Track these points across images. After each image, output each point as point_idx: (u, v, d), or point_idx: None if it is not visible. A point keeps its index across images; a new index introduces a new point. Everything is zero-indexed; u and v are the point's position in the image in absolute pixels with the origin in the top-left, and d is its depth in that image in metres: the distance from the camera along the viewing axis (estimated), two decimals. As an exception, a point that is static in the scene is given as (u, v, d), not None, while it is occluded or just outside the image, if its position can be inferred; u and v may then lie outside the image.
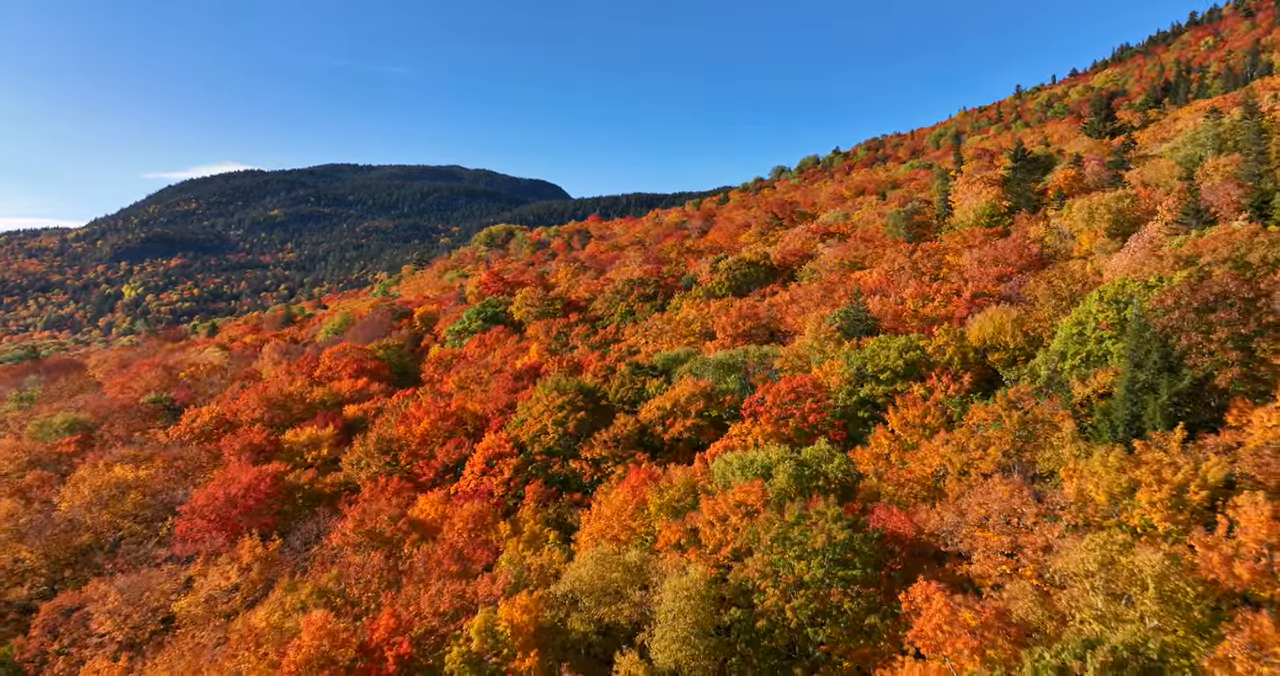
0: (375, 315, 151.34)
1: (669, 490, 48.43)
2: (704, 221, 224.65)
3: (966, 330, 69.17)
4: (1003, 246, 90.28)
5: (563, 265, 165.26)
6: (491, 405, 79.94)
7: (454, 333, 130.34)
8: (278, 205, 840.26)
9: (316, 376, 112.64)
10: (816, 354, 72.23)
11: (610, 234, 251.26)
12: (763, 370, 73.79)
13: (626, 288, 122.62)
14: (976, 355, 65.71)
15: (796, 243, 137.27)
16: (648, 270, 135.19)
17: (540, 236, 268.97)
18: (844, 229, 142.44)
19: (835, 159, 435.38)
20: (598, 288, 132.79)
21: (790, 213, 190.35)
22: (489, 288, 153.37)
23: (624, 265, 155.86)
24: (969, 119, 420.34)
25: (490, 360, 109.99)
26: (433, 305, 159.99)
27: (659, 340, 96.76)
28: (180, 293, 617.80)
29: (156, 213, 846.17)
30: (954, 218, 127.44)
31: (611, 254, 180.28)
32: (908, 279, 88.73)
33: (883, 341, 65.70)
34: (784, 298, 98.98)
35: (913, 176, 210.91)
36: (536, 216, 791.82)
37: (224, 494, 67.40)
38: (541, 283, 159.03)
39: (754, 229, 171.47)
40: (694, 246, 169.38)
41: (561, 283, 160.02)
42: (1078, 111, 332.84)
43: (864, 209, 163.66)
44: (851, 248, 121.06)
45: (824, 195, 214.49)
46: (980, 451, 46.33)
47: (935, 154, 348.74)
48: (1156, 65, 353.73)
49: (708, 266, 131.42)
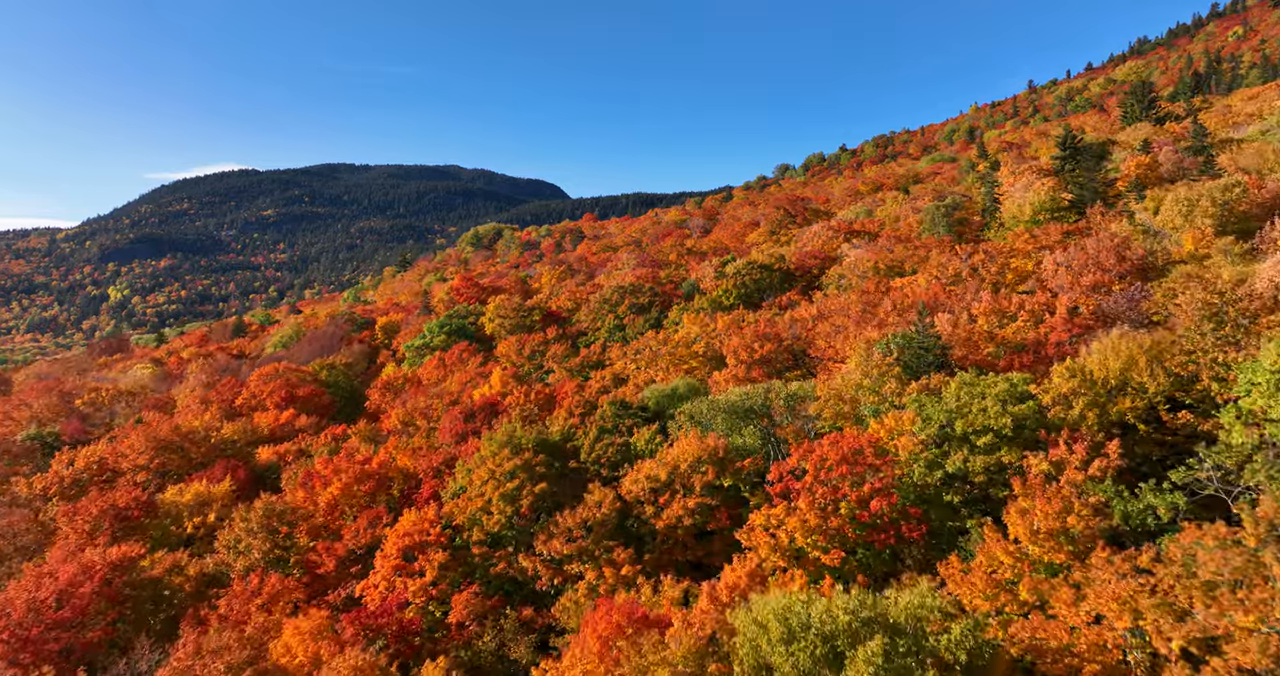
0: (330, 326, 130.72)
1: (659, 668, 27.77)
2: (707, 220, 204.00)
3: (1082, 364, 48.57)
4: (1094, 247, 69.54)
5: (547, 268, 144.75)
6: (427, 461, 59.16)
7: (413, 349, 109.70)
8: (271, 205, 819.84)
9: (238, 405, 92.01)
10: (869, 396, 51.55)
11: (605, 234, 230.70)
12: (794, 418, 53.12)
13: (616, 296, 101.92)
14: (1110, 403, 45.03)
15: (816, 242, 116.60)
16: (642, 274, 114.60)
17: (530, 236, 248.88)
18: (870, 226, 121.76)
19: (843, 156, 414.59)
20: (583, 295, 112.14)
21: (803, 209, 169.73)
22: (460, 294, 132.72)
23: (616, 268, 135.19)
24: (981, 114, 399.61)
25: (448, 385, 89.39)
26: (398, 314, 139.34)
27: (653, 366, 76.07)
28: (167, 295, 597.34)
29: (148, 213, 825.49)
30: (1003, 213, 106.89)
31: (604, 256, 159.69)
32: (975, 290, 67.94)
33: (970, 383, 44.91)
34: (808, 312, 78.20)
35: (935, 170, 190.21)
36: (534, 216, 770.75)
37: (27, 599, 46.77)
38: (521, 288, 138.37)
39: (763, 227, 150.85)
40: (696, 247, 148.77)
41: (544, 288, 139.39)
42: (1100, 104, 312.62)
43: (888, 204, 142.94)
44: (884, 248, 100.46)
45: (838, 191, 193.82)
46: (1213, 611, 25.70)
47: (950, 149, 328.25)
48: (1181, 57, 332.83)
49: (712, 270, 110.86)
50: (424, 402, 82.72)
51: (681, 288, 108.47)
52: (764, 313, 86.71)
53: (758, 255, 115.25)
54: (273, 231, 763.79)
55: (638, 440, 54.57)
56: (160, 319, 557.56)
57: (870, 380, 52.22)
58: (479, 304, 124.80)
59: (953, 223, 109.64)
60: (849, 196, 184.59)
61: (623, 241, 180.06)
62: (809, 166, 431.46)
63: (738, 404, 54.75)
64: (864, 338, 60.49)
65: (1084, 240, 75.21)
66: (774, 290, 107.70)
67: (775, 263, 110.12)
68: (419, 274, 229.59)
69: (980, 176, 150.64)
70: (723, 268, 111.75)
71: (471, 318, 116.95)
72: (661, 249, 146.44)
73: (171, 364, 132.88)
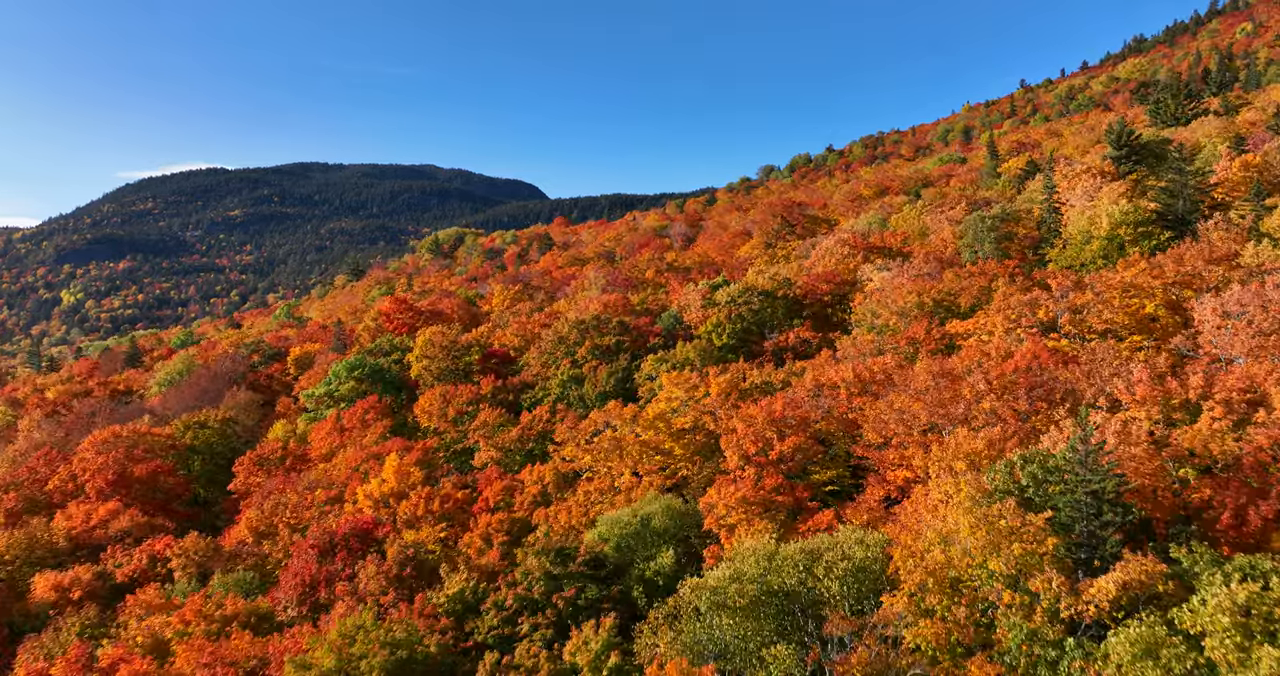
0: (225, 360, 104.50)
1: None
2: (689, 226, 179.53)
3: None
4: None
5: (501, 287, 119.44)
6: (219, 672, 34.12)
7: (314, 398, 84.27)
8: (239, 205, 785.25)
9: (50, 491, 66.35)
10: (1005, 593, 27.33)
11: (576, 240, 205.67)
12: (869, 629, 28.73)
13: (575, 334, 77.07)
14: None
15: (829, 261, 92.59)
16: (611, 301, 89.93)
17: (495, 243, 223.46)
18: (892, 241, 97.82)
19: (830, 157, 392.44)
20: (534, 329, 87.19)
21: (800, 216, 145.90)
22: (390, 321, 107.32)
23: (582, 289, 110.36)
24: (975, 114, 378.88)
25: (336, 465, 64.39)
26: (316, 343, 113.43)
27: (615, 459, 51.34)
28: (123, 298, 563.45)
29: (110, 212, 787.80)
30: (1067, 227, 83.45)
31: (570, 271, 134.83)
32: (1107, 359, 43.65)
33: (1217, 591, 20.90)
34: (840, 374, 53.67)
35: (947, 172, 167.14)
36: (510, 217, 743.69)
37: None
38: (466, 313, 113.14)
39: (756, 238, 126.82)
40: (677, 261, 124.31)
41: (494, 309, 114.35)
42: (1105, 103, 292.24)
43: (905, 213, 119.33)
44: (924, 274, 76.69)
45: (838, 195, 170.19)
46: None
47: (946, 149, 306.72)
48: (1185, 54, 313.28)
49: (698, 296, 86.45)
50: (294, 497, 57.60)
51: (660, 321, 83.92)
52: (772, 368, 62.27)
53: (756, 278, 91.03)
54: (239, 232, 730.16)
55: (577, 656, 29.88)
56: (115, 324, 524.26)
57: (1002, 561, 27.87)
58: (409, 335, 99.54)
59: (1001, 238, 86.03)
60: (851, 202, 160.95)
61: (594, 252, 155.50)
62: (795, 167, 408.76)
63: (755, 589, 30.22)
64: (958, 449, 36.17)
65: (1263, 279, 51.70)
66: (778, 324, 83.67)
67: (779, 288, 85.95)
68: (370, 284, 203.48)
69: (1012, 180, 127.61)
70: (712, 294, 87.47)
71: (396, 354, 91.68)
72: (637, 264, 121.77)
73: (31, 404, 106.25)
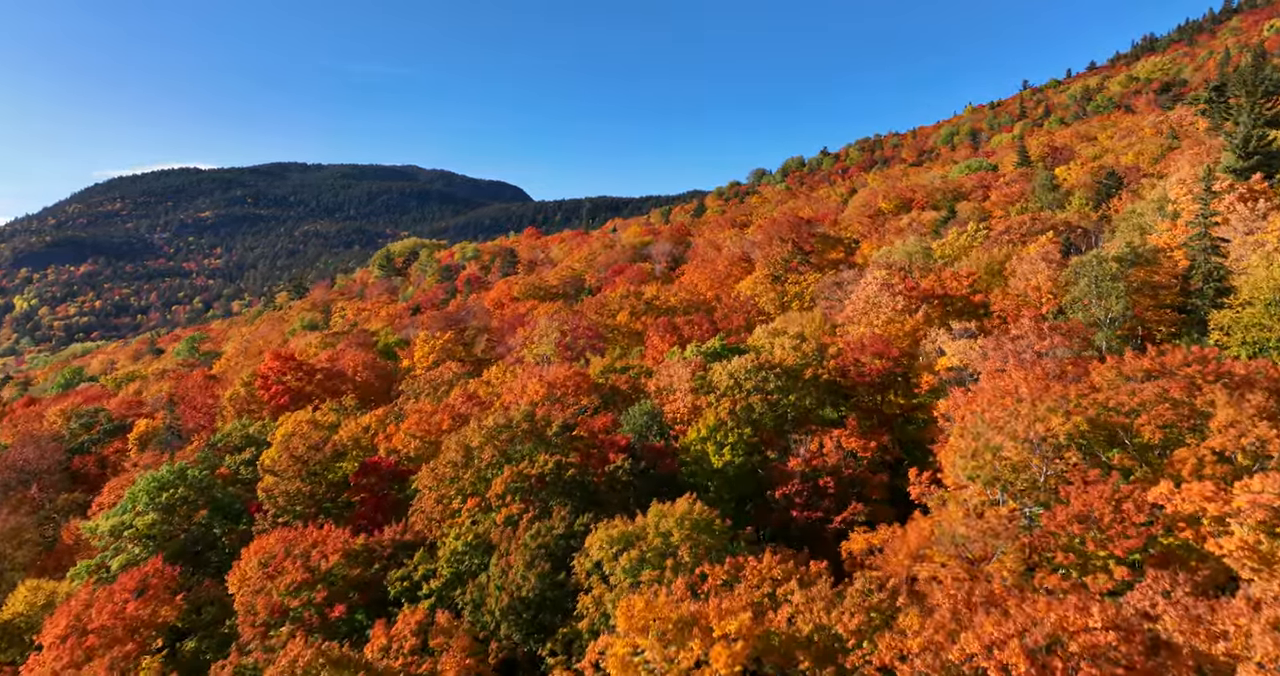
0: (22, 448, 73.90)
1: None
2: (675, 244, 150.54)
3: None
4: None
5: (424, 336, 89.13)
6: None
7: (109, 533, 54.65)
8: (211, 206, 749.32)
9: None
10: None
11: (545, 258, 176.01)
12: None
13: (490, 451, 47.95)
14: None
15: (875, 317, 63.96)
16: (559, 380, 60.78)
17: (453, 258, 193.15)
18: (956, 286, 69.06)
19: (825, 161, 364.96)
20: (436, 431, 57.65)
21: (808, 236, 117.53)
22: (266, 388, 77.82)
23: (529, 342, 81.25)
24: (980, 115, 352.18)
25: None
26: (184, 408, 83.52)
27: None
28: (80, 305, 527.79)
29: (76, 213, 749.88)
30: (1243, 280, 55.40)
31: (524, 306, 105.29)
32: None
33: None
34: (958, 598, 25.44)
35: (979, 181, 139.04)
36: (492, 220, 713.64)
37: None
38: (376, 375, 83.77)
39: (760, 269, 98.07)
40: (659, 297, 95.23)
41: (416, 364, 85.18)
42: (1126, 104, 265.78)
43: (953, 239, 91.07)
44: (1034, 351, 48.45)
45: (850, 209, 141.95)
46: None
47: (952, 154, 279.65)
48: (1210, 52, 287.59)
49: (686, 373, 57.67)
50: None
51: (627, 422, 54.86)
52: (826, 572, 33.32)
53: (770, 343, 62.48)
54: (209, 235, 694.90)
55: None
56: (69, 333, 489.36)
57: None
58: (289, 412, 70.12)
59: (1130, 290, 57.63)
60: (867, 216, 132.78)
61: (558, 278, 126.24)
62: (788, 171, 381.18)
63: None
64: None
65: None
66: (800, 420, 55.23)
67: (806, 364, 57.27)
68: (306, 308, 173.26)
69: (1086, 196, 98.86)
70: (706, 370, 58.66)
71: (249, 452, 62.27)
72: (607, 303, 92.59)
73: None
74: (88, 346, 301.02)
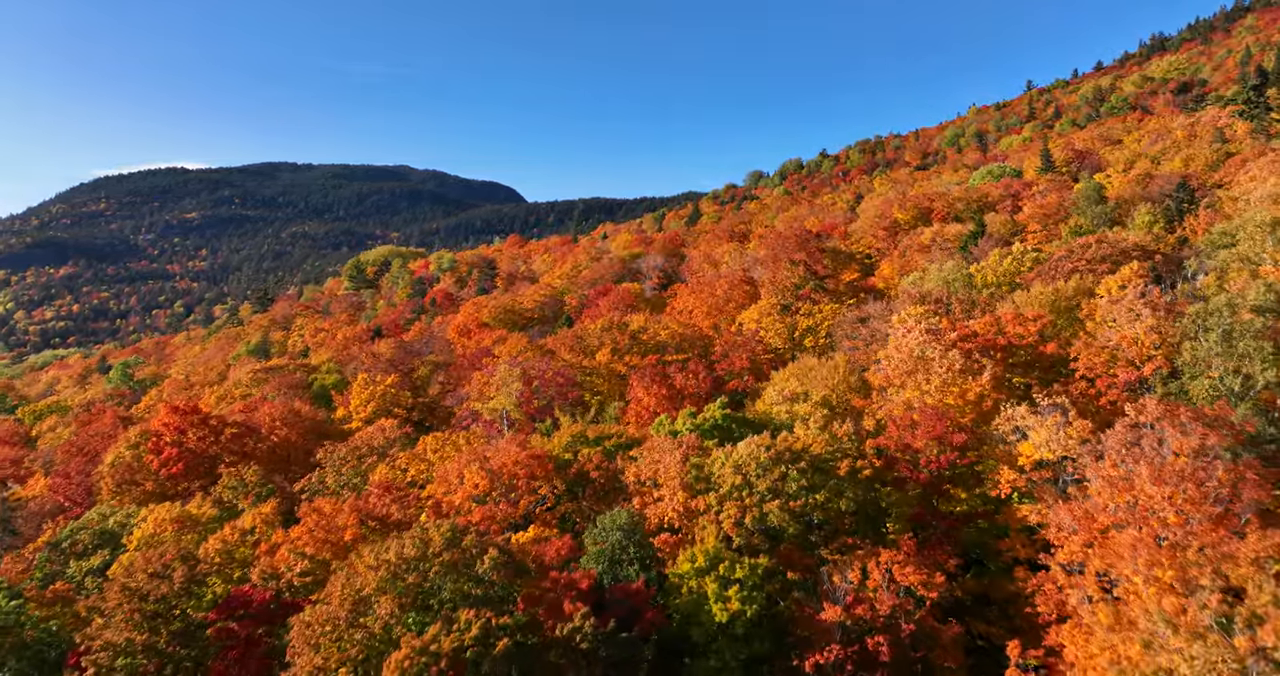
0: None
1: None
2: (667, 258, 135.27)
3: None
4: None
5: (363, 380, 73.27)
6: None
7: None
8: (197, 206, 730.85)
9: None
10: None
11: (526, 269, 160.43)
12: None
13: (389, 605, 32.47)
14: None
15: (927, 381, 48.76)
16: (511, 465, 45.28)
17: (429, 268, 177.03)
18: (1023, 332, 53.76)
19: (824, 163, 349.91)
20: (340, 536, 42.14)
21: (818, 254, 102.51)
22: (159, 453, 62.25)
23: (486, 396, 65.81)
24: (985, 117, 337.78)
25: None
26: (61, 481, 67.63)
27: None
28: (57, 309, 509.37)
29: (60, 213, 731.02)
30: None
31: (491, 337, 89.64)
32: None
33: None
34: None
35: (1009, 189, 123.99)
36: (484, 222, 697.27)
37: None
38: (303, 428, 68.27)
39: (767, 297, 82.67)
40: (647, 332, 79.78)
41: (353, 408, 69.65)
42: (1142, 105, 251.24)
43: (994, 262, 75.86)
44: (1147, 443, 33.55)
45: (864, 220, 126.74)
46: None
47: (958, 157, 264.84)
48: (1229, 51, 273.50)
49: (676, 459, 42.51)
50: None
51: (593, 536, 39.40)
52: None
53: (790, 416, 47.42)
54: (195, 236, 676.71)
55: None
56: (44, 338, 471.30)
57: None
58: (186, 482, 54.41)
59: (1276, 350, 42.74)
60: (884, 230, 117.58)
61: (535, 300, 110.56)
62: (785, 173, 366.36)
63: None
64: None
65: None
66: (835, 528, 40.24)
67: (840, 454, 42.08)
68: (266, 322, 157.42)
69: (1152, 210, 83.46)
70: (702, 451, 43.49)
71: (99, 558, 46.63)
72: (585, 339, 77.23)
73: None
74: (48, 357, 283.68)
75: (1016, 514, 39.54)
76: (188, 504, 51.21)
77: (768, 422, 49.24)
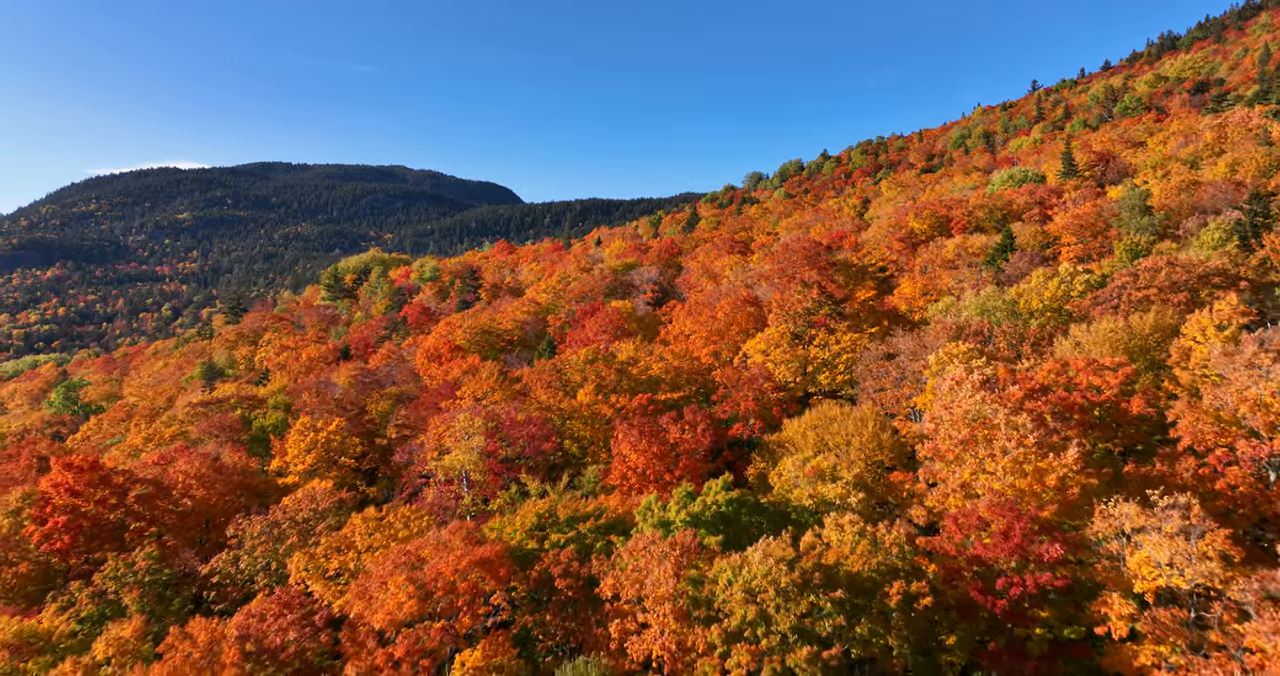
0: None
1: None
2: (662, 269, 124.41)
3: None
4: None
5: (303, 425, 62.47)
6: None
7: None
8: (188, 207, 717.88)
9: None
10: None
11: (513, 279, 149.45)
12: None
13: None
14: None
15: (994, 462, 38.01)
16: (449, 573, 34.24)
17: (410, 277, 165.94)
18: (1098, 385, 43.15)
19: (826, 164, 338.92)
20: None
21: (829, 270, 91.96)
22: (44, 521, 51.22)
23: (439, 449, 54.93)
24: (992, 117, 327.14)
25: None
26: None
27: None
28: (42, 312, 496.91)
29: (49, 214, 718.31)
30: None
31: (462, 367, 78.82)
32: None
33: None
34: None
35: (1033, 197, 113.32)
36: (479, 223, 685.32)
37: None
38: (232, 484, 57.38)
39: (776, 324, 71.79)
40: (638, 364, 69.00)
41: (290, 460, 58.80)
42: (1156, 105, 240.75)
43: (1040, 282, 65.03)
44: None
45: (878, 229, 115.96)
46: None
47: (966, 158, 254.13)
48: (1243, 50, 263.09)
49: (669, 569, 31.89)
50: None
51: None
52: None
53: (815, 501, 36.78)
54: (186, 237, 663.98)
55: None
56: (28, 342, 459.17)
57: None
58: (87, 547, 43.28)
59: None
60: (899, 241, 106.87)
61: (515, 319, 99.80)
62: (786, 175, 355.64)
63: None
64: None
65: None
66: (888, 670, 29.13)
67: (890, 573, 31.12)
68: (233, 336, 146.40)
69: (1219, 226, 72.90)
70: (703, 562, 32.71)
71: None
72: (566, 372, 66.52)
73: None
74: (25, 364, 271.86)
75: (1132, 660, 28.75)
76: (43, 611, 40.43)
77: (786, 509, 38.38)
